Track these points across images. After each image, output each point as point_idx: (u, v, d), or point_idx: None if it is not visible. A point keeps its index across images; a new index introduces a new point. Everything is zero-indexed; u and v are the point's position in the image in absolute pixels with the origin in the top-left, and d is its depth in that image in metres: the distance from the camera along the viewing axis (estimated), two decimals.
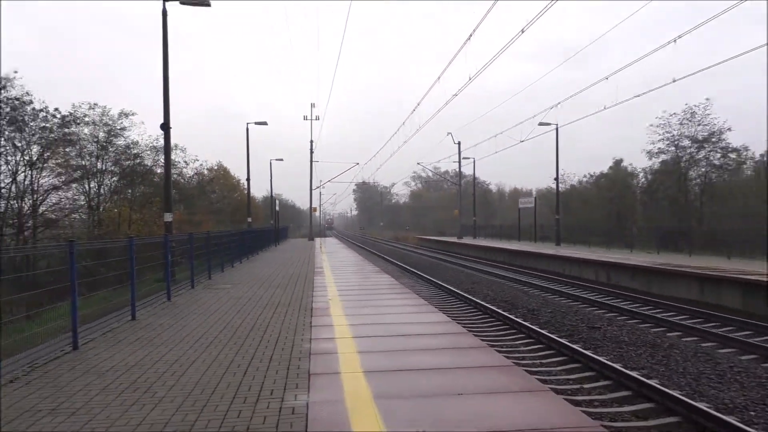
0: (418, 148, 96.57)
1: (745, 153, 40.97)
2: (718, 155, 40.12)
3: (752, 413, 7.59)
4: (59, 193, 31.61)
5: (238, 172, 73.18)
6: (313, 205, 55.59)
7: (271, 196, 61.31)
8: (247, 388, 5.87)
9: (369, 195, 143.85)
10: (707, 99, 40.41)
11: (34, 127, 29.41)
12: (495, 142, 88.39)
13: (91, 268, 16.20)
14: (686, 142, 40.40)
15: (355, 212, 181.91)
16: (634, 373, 8.84)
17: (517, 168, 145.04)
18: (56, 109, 30.41)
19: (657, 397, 7.91)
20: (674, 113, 40.59)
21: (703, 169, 40.78)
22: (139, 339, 8.44)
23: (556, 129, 37.07)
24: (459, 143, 53.74)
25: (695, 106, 39.59)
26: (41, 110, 29.47)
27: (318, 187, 68.85)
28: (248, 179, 42.46)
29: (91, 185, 33.55)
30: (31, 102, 28.93)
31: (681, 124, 40.16)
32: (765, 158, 45.87)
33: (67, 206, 32.18)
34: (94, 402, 5.49)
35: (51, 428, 4.82)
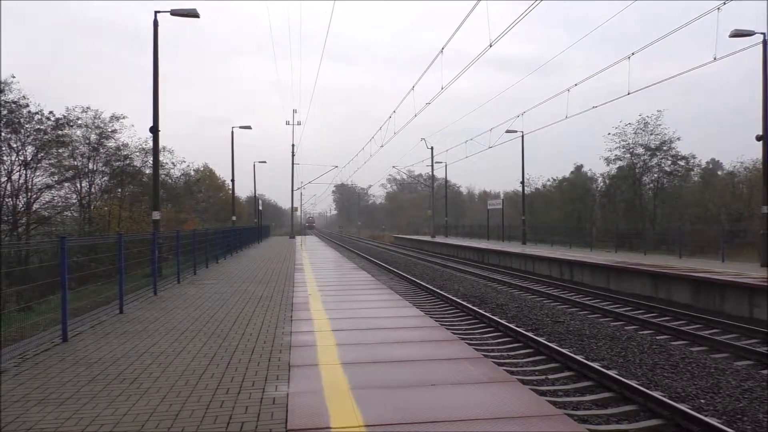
0: (394, 152, 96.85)
1: (692, 160, 41.60)
2: (669, 162, 40.69)
3: (702, 401, 7.64)
4: (52, 191, 31.14)
5: (224, 173, 72.80)
6: (294, 205, 55.48)
7: (255, 196, 61.05)
8: (229, 379, 5.75)
9: (347, 196, 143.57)
10: (659, 110, 41.07)
11: (29, 129, 28.84)
12: (465, 147, 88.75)
13: (81, 263, 15.85)
14: (640, 150, 40.90)
15: (334, 212, 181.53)
16: (595, 365, 8.87)
17: (486, 171, 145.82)
18: (51, 112, 29.86)
19: (616, 387, 7.93)
20: (629, 123, 41.10)
21: (655, 175, 41.31)
22: (126, 332, 8.24)
23: (522, 136, 37.32)
24: (432, 148, 53.82)
25: (648, 116, 40.13)
26: (36, 113, 28.95)
27: (299, 188, 68.53)
28: (233, 180, 42.49)
29: (83, 184, 33.04)
30: (27, 105, 28.42)
31: (635, 133, 40.62)
32: (711, 166, 46.71)
33: (60, 204, 31.68)
34: (82, 392, 5.32)
35: (40, 417, 4.66)
